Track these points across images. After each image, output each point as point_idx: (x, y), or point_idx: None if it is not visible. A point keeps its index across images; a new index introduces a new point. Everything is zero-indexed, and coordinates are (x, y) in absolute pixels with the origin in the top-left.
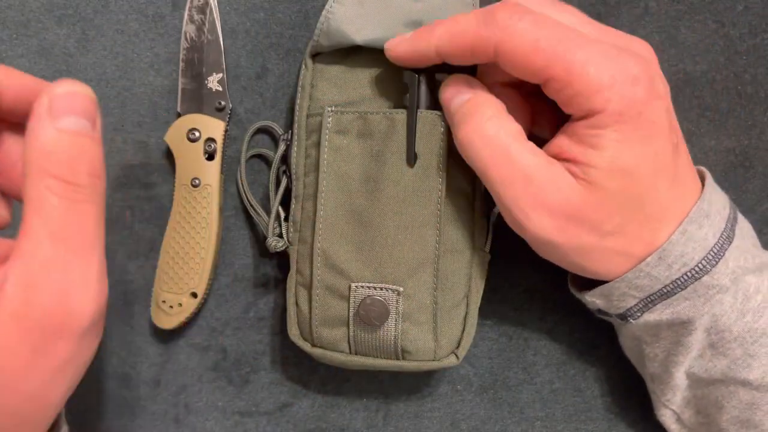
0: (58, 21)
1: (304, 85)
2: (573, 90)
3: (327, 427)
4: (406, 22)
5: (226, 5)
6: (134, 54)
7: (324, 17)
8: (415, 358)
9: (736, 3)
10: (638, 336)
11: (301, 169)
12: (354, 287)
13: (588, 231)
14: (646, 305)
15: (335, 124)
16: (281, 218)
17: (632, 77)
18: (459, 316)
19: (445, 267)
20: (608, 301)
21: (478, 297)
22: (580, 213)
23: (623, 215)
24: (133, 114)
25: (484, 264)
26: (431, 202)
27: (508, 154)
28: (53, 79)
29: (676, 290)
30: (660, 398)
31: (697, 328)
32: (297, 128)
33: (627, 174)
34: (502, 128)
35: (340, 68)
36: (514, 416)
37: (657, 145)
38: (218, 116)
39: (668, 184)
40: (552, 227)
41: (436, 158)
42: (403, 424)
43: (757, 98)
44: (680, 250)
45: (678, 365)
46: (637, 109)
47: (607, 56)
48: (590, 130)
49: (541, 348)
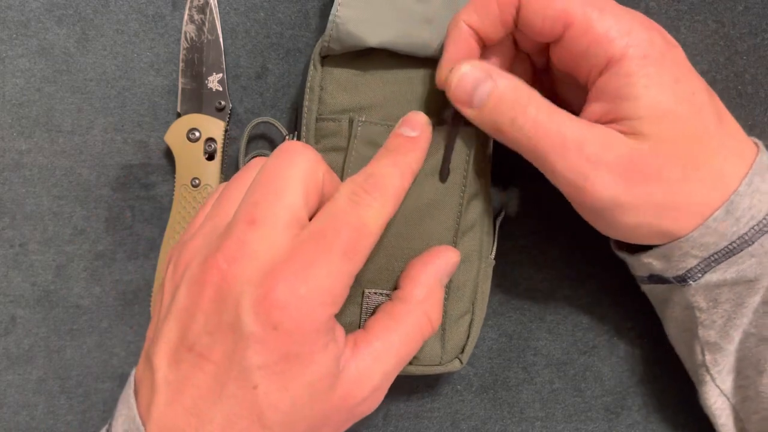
0: (58, 21)
1: (313, 87)
2: (593, 36)
3: None
4: (419, 19)
5: (226, 5)
6: (134, 54)
7: (332, 22)
8: (421, 363)
9: (736, 3)
10: (693, 303)
11: None
12: (367, 293)
13: (654, 182)
14: (709, 265)
15: (364, 134)
16: None
17: (647, 26)
18: (465, 323)
19: (457, 278)
20: (668, 263)
21: (484, 304)
22: (639, 165)
23: (682, 160)
24: (133, 114)
25: (489, 271)
26: (451, 217)
27: (555, 126)
28: (53, 78)
29: (743, 246)
30: (710, 371)
31: (762, 287)
32: (305, 131)
33: (670, 117)
34: (541, 104)
35: (351, 72)
36: (514, 416)
37: (691, 85)
38: (218, 116)
39: (716, 123)
40: (615, 184)
41: (461, 173)
42: (403, 424)
43: (757, 98)
44: (747, 203)
45: (738, 328)
46: (659, 51)
47: (618, 8)
48: (618, 80)
49: (541, 348)
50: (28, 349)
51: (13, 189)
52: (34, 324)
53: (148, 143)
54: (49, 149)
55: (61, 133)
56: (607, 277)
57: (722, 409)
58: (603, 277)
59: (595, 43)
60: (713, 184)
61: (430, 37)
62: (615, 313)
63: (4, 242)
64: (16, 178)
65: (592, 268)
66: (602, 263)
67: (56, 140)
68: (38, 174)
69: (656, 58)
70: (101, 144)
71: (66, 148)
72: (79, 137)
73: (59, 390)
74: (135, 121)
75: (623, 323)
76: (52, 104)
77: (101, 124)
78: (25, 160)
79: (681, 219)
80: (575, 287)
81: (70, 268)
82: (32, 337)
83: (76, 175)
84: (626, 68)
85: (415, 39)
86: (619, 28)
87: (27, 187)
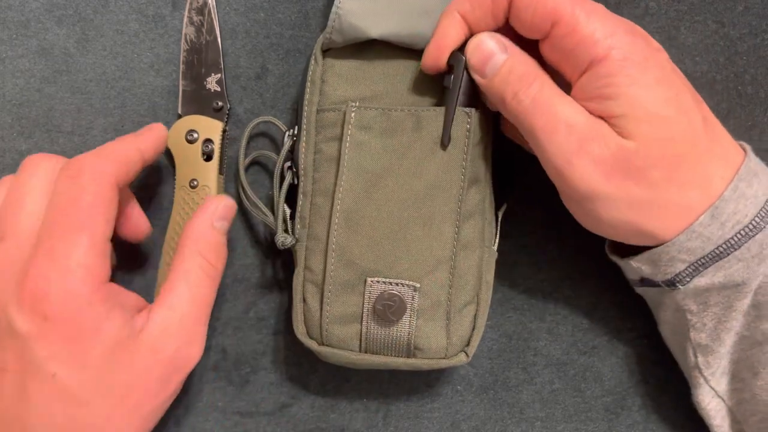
0: (58, 21)
1: (314, 80)
2: (578, 36)
3: (327, 428)
4: (418, 11)
5: (226, 5)
6: (134, 54)
7: (335, 14)
8: (426, 355)
9: (736, 3)
10: (683, 306)
11: (310, 164)
12: (370, 282)
13: (637, 180)
14: (696, 269)
15: (358, 119)
16: (287, 215)
17: (631, 30)
18: (470, 314)
19: (461, 265)
20: (655, 267)
21: (488, 295)
22: (624, 161)
23: (667, 162)
24: (133, 114)
25: (492, 262)
26: (452, 199)
27: (551, 105)
28: (53, 79)
29: (730, 250)
30: (703, 373)
31: (751, 291)
32: (306, 124)
33: (654, 118)
34: (545, 84)
35: (352, 63)
36: (514, 416)
37: (674, 87)
38: (216, 117)
39: (702, 127)
40: (597, 174)
41: (461, 155)
42: (403, 424)
43: (757, 98)
44: (733, 208)
45: (730, 331)
46: (641, 54)
47: (606, 13)
48: (598, 80)
49: (541, 348)
50: None
51: None
52: None
53: None
54: (49, 149)
55: (61, 134)
56: (607, 277)
57: (717, 410)
58: (603, 277)
59: (581, 44)
60: (698, 187)
61: (428, 28)
62: (615, 313)
63: None
64: None
65: (592, 268)
66: (602, 263)
67: (56, 140)
68: None
69: (638, 60)
70: (101, 144)
71: (66, 148)
72: (79, 137)
73: None
74: (135, 122)
75: (623, 323)
76: (52, 104)
77: (101, 124)
78: None
79: (664, 220)
80: (575, 287)
81: None
82: None
83: None
84: (607, 68)
85: (415, 30)
86: (604, 30)
87: None
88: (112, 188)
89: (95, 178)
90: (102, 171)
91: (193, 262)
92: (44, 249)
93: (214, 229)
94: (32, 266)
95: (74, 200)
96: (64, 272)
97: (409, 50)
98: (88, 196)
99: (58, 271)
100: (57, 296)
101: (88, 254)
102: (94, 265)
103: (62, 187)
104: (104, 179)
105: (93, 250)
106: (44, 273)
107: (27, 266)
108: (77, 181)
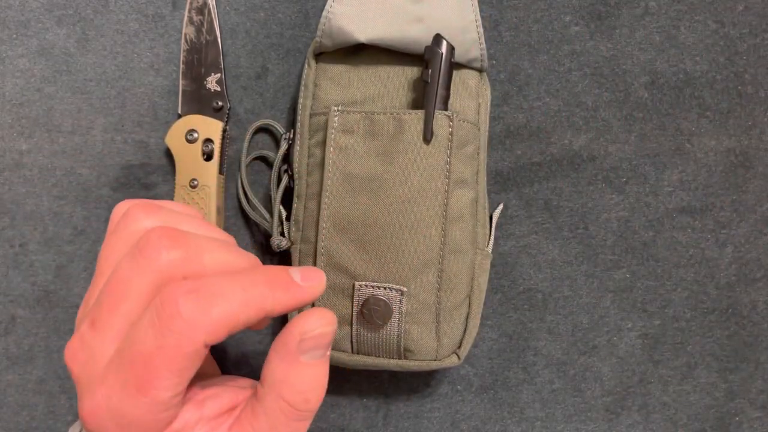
0: (58, 21)
1: (307, 84)
2: None
3: (327, 427)
4: (411, 18)
5: (226, 5)
6: (134, 54)
7: (325, 17)
8: (416, 357)
9: (736, 3)
10: None
11: (304, 168)
12: (358, 286)
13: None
14: None
15: (341, 123)
16: (283, 217)
17: None
18: (461, 316)
19: (449, 267)
20: None
21: (481, 297)
22: None
23: None
24: (133, 114)
25: (486, 264)
26: (437, 203)
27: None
28: (53, 78)
29: None
30: None
31: None
32: (300, 127)
33: None
34: None
35: (343, 67)
36: (514, 416)
37: None
38: (216, 116)
39: None
40: None
41: (444, 157)
42: (403, 424)
43: (757, 98)
44: None
45: None
46: None
47: None
48: None
49: (541, 348)
50: (28, 349)
51: (13, 189)
52: (34, 324)
53: (148, 143)
54: (49, 149)
55: (61, 133)
56: (607, 277)
57: None
58: (603, 277)
59: None
60: None
61: (420, 35)
62: (615, 313)
63: (4, 242)
64: (16, 178)
65: (592, 268)
66: (602, 263)
67: (56, 140)
68: (38, 174)
69: None
70: (101, 144)
71: (66, 148)
72: (79, 137)
73: (59, 390)
74: (135, 122)
75: (623, 323)
76: (52, 104)
77: (101, 124)
78: (25, 160)
79: None
80: (575, 287)
81: (70, 268)
82: (32, 337)
83: (76, 175)
84: None
85: (406, 36)
86: None
87: (27, 187)
88: (204, 349)
89: (188, 336)
90: (203, 329)
91: (274, 405)
92: (108, 384)
93: (304, 365)
94: (99, 390)
95: (149, 356)
96: (120, 417)
97: (402, 54)
98: (169, 351)
99: (112, 417)
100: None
101: (147, 414)
102: (149, 421)
103: (148, 323)
104: (199, 340)
105: (152, 410)
106: (101, 407)
107: (97, 384)
108: (165, 330)
